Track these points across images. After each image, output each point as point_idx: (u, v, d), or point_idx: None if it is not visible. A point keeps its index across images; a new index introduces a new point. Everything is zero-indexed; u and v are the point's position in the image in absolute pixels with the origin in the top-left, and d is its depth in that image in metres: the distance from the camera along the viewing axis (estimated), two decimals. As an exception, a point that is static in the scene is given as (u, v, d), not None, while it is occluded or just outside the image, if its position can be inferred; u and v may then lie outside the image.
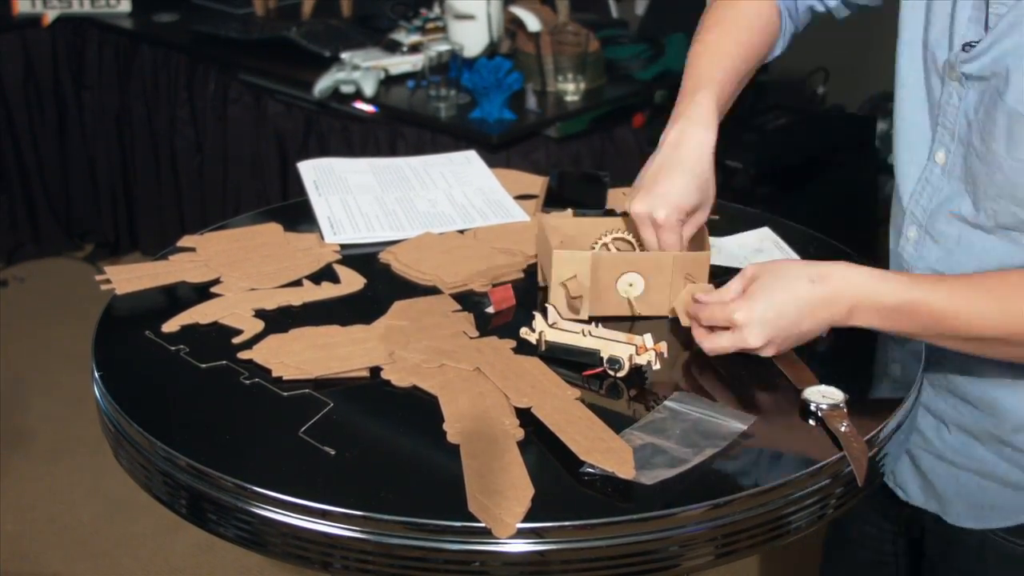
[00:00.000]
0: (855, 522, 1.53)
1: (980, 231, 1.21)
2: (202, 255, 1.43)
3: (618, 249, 1.35)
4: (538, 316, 1.23)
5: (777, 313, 1.14)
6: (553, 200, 1.58)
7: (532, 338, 1.23)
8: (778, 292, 1.15)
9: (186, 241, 1.47)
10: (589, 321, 1.23)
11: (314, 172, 1.66)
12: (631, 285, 1.30)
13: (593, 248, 1.35)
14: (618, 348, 1.18)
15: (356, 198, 1.58)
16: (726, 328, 1.17)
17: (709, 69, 1.36)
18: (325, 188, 1.61)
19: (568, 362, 1.20)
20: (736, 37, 1.41)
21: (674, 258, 1.29)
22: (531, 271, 1.41)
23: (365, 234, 1.48)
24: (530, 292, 1.36)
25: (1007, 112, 1.14)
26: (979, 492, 1.31)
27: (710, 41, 1.40)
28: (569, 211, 1.42)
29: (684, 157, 1.30)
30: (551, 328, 1.22)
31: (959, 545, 1.35)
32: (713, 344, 1.19)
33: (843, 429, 1.09)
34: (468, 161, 1.74)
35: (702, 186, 1.30)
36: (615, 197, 1.60)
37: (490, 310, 1.32)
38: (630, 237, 1.36)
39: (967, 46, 1.19)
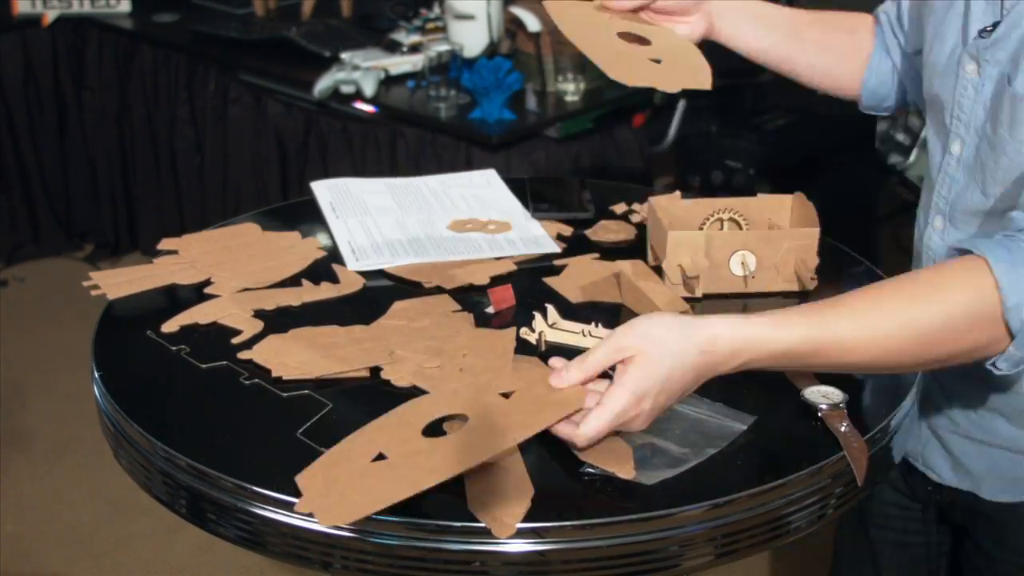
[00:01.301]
0: (876, 502, 1.53)
1: (994, 216, 1.23)
2: (186, 257, 1.43)
3: (729, 228, 1.40)
4: (538, 316, 1.23)
5: (668, 395, 1.05)
6: (542, 204, 1.58)
7: (532, 338, 1.23)
8: (666, 372, 1.03)
9: (167, 244, 1.46)
10: (589, 321, 1.23)
11: (329, 193, 1.61)
12: (743, 263, 1.33)
13: (703, 227, 1.39)
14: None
15: (376, 220, 1.53)
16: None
17: None
18: (342, 210, 1.56)
19: None
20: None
21: (785, 234, 1.34)
22: (526, 269, 1.42)
23: (388, 259, 1.43)
24: (530, 292, 1.36)
25: (1011, 96, 1.16)
26: (1011, 466, 1.32)
27: None
28: (677, 193, 1.43)
29: None
30: (551, 328, 1.22)
31: (1008, 528, 1.36)
32: (587, 432, 1.03)
33: (843, 429, 1.09)
34: (488, 183, 1.68)
35: None
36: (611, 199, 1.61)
37: (490, 310, 1.32)
38: (739, 217, 1.39)
39: (983, 32, 1.21)
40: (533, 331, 1.23)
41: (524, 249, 1.47)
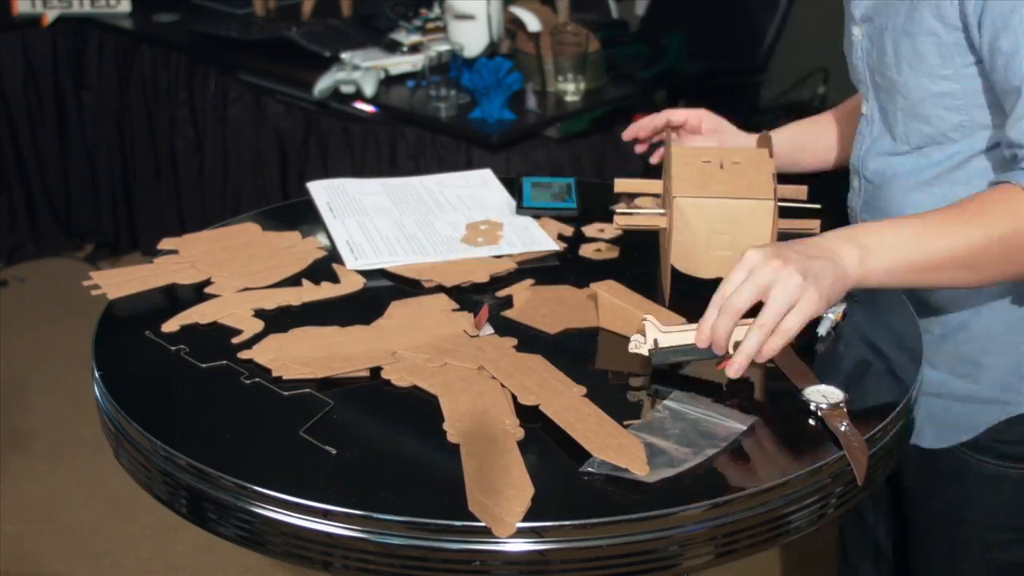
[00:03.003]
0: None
1: (897, 157, 1.37)
2: (186, 256, 1.43)
3: None
4: (649, 321, 1.17)
5: (789, 247, 1.13)
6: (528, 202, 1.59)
7: (644, 349, 1.17)
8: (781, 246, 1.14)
9: (167, 243, 1.46)
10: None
11: (326, 193, 1.61)
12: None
13: None
14: (742, 331, 1.13)
15: (373, 220, 1.54)
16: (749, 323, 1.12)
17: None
18: (340, 210, 1.56)
19: (581, 361, 1.20)
20: None
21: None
22: (526, 268, 1.42)
23: (387, 258, 1.44)
24: (498, 320, 1.35)
25: (892, 40, 1.30)
26: (942, 413, 1.40)
27: None
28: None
29: None
30: (664, 334, 1.17)
31: (939, 474, 1.45)
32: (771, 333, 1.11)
33: (843, 429, 1.09)
34: (485, 182, 1.68)
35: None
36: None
37: (475, 331, 1.29)
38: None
39: None
40: (644, 340, 1.18)
41: (523, 248, 1.47)
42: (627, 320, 1.27)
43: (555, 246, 1.48)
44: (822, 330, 1.27)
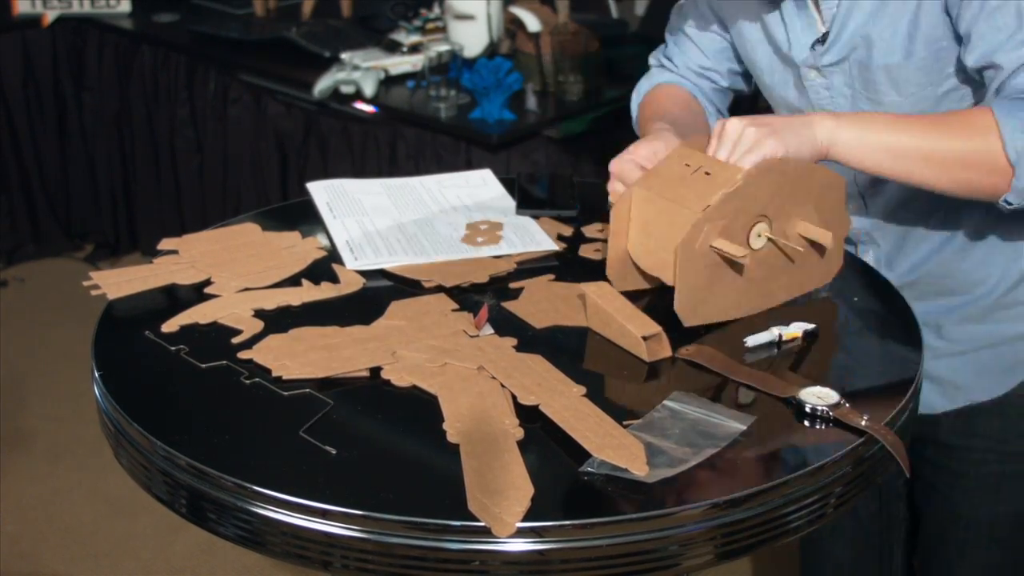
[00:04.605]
0: None
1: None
2: (186, 257, 1.43)
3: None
4: None
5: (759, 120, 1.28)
6: (527, 202, 1.58)
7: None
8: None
9: (167, 244, 1.46)
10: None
11: (326, 193, 1.61)
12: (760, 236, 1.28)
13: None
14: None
15: (373, 220, 1.53)
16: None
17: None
18: (339, 210, 1.56)
19: (581, 361, 1.20)
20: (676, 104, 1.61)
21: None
22: (526, 268, 1.42)
23: (387, 258, 1.43)
24: (498, 315, 1.36)
25: (882, 68, 1.33)
26: (997, 360, 1.43)
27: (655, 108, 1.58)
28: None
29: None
30: None
31: (979, 418, 1.47)
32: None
33: (864, 424, 1.08)
34: (484, 182, 1.68)
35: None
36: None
37: (475, 331, 1.29)
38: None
39: (816, 44, 1.38)
40: None
41: (523, 247, 1.47)
42: (607, 323, 1.27)
43: (555, 246, 1.48)
44: (751, 341, 1.24)
